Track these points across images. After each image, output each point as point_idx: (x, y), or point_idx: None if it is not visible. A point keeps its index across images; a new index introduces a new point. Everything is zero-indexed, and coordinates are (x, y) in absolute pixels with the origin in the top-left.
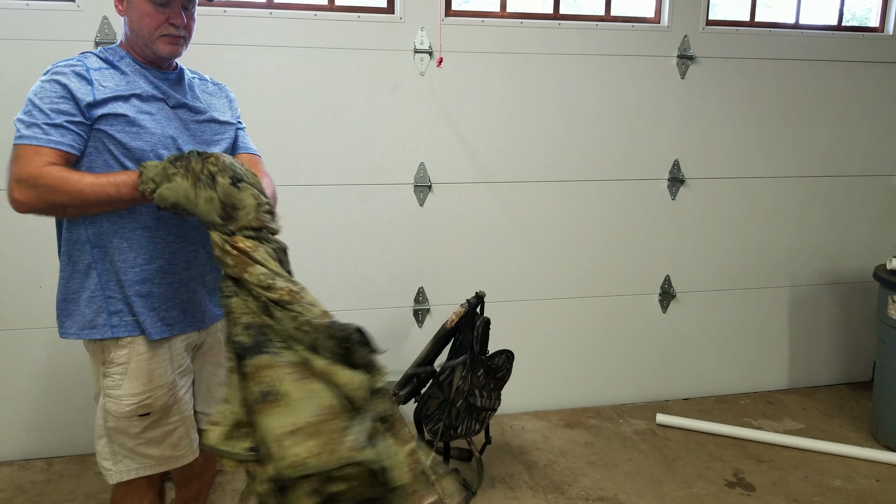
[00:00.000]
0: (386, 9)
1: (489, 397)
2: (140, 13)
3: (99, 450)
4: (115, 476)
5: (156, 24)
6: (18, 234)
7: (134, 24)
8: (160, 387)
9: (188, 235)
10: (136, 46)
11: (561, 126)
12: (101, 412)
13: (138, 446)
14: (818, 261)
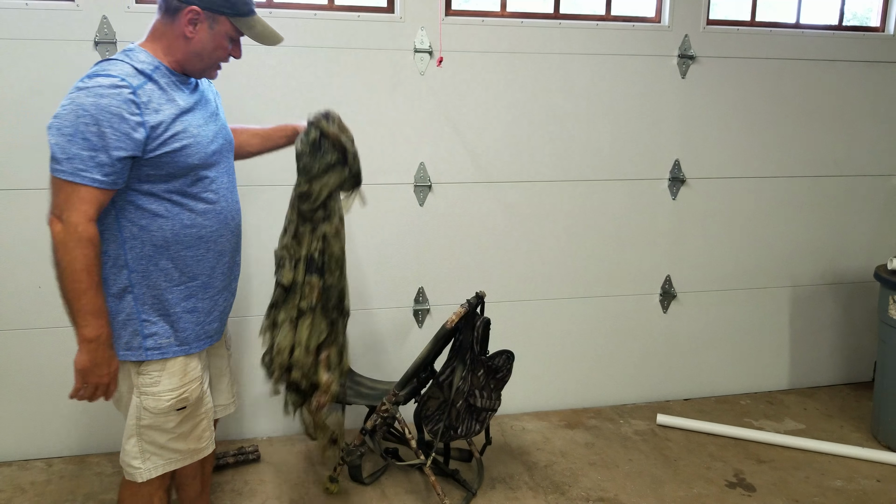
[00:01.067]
0: (386, 8)
1: (489, 398)
2: (215, 45)
3: (128, 449)
4: (144, 474)
5: (224, 55)
6: (18, 234)
7: (201, 50)
8: (194, 380)
9: (223, 249)
10: (187, 63)
11: (561, 126)
12: (135, 411)
13: (169, 441)
14: (819, 261)
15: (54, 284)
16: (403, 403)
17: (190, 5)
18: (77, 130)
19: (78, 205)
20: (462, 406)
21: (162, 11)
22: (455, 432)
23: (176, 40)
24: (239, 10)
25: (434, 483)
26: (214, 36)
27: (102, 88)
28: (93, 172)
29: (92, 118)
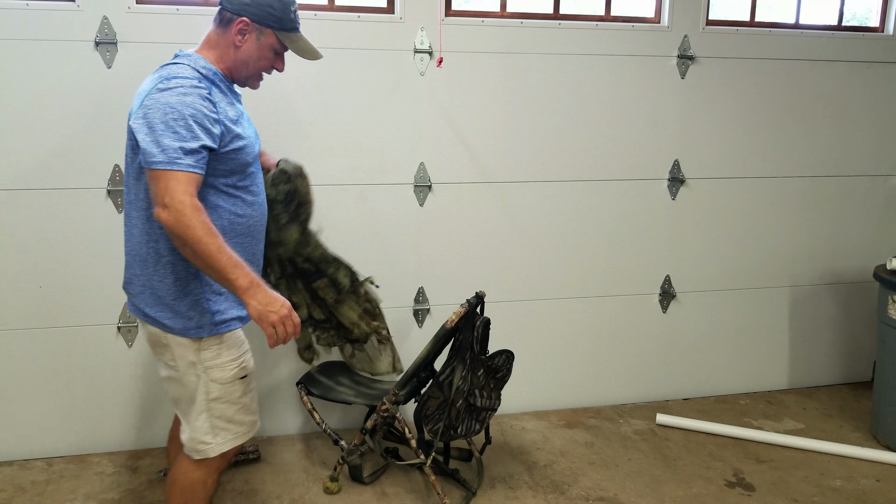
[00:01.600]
0: (386, 9)
1: (489, 397)
2: (260, 55)
3: (198, 426)
4: (216, 449)
5: (269, 65)
6: (18, 234)
7: (248, 58)
8: (247, 350)
9: (260, 237)
10: (235, 71)
11: (561, 126)
12: (203, 386)
13: (236, 413)
14: (818, 261)
15: (54, 284)
16: (403, 403)
17: (241, 17)
18: (167, 125)
19: (177, 186)
20: (462, 406)
21: (216, 22)
22: (455, 432)
23: (227, 49)
24: (284, 26)
25: (434, 482)
26: (260, 47)
27: (184, 88)
28: (185, 159)
29: (179, 113)
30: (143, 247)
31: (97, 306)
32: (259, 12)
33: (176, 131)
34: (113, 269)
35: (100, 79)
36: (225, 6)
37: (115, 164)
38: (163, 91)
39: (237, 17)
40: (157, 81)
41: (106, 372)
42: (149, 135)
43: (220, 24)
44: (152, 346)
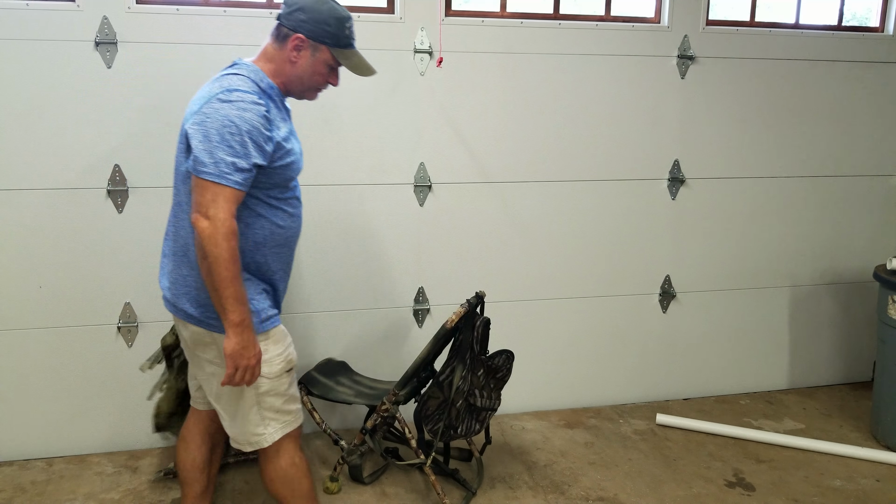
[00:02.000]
0: (386, 9)
1: (489, 397)
2: (314, 70)
3: (250, 419)
4: (269, 438)
5: (324, 81)
6: (18, 234)
7: (303, 74)
8: (290, 343)
9: (294, 245)
10: (290, 86)
11: (561, 126)
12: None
13: (284, 404)
14: (818, 261)
15: (54, 284)
16: (403, 403)
17: (297, 33)
18: (223, 138)
19: (223, 203)
20: (462, 406)
21: (273, 37)
22: (455, 432)
23: (283, 64)
24: (339, 42)
25: (434, 482)
26: (314, 63)
27: (244, 103)
28: (234, 176)
29: (236, 128)
30: (195, 248)
31: (97, 306)
32: (315, 29)
33: (231, 146)
34: (113, 269)
35: (100, 79)
36: (282, 22)
37: (115, 164)
38: (223, 103)
39: (293, 34)
40: (219, 91)
41: (106, 372)
42: (203, 143)
43: (277, 38)
44: (194, 346)
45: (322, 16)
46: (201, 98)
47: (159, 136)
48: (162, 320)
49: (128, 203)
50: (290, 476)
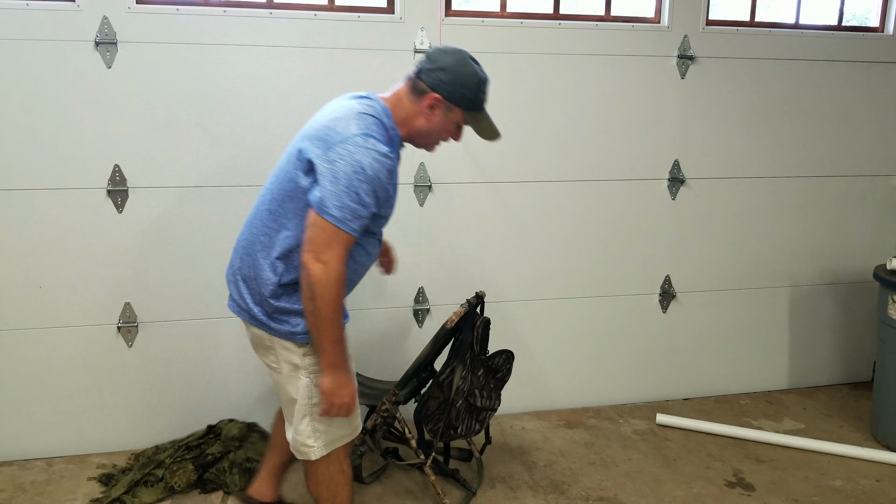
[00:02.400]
0: (386, 9)
1: (489, 397)
2: (443, 128)
3: (302, 429)
4: (318, 451)
5: (446, 137)
6: (18, 234)
7: (432, 130)
8: (351, 355)
9: (362, 276)
10: (416, 137)
11: (561, 126)
12: (306, 391)
13: (335, 419)
14: (818, 261)
15: (54, 284)
16: (403, 403)
17: (435, 92)
18: (351, 185)
19: (339, 249)
20: (462, 406)
21: (409, 87)
22: (455, 432)
23: (414, 117)
24: (473, 106)
25: (434, 482)
26: (446, 121)
27: (378, 154)
28: (354, 223)
29: (367, 179)
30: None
31: (97, 306)
32: (453, 91)
33: (357, 194)
34: (113, 269)
35: (100, 79)
36: (421, 77)
37: (116, 164)
38: (359, 148)
39: (431, 92)
40: (357, 133)
41: (106, 372)
42: (333, 185)
43: (413, 90)
44: (255, 348)
45: (463, 79)
46: (329, 123)
47: (159, 136)
48: (162, 320)
49: (128, 203)
50: (336, 482)
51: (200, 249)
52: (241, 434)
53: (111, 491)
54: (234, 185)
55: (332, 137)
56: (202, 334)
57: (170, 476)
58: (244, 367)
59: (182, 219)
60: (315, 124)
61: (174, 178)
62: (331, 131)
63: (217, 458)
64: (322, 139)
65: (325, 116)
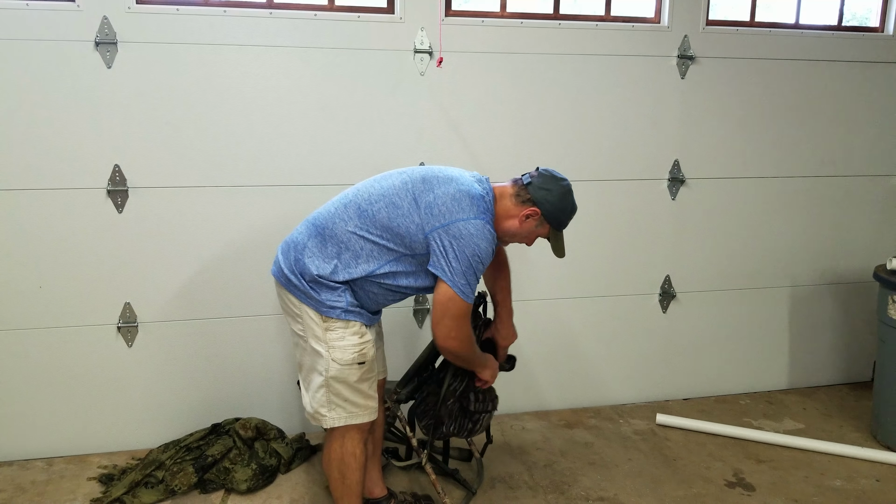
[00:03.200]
0: (386, 9)
1: (482, 401)
2: (528, 235)
3: (318, 397)
4: (329, 422)
5: (522, 241)
6: (18, 234)
7: (520, 234)
8: (369, 341)
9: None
10: (504, 234)
11: (561, 126)
12: (325, 363)
13: (352, 395)
14: (818, 261)
15: (54, 284)
16: (404, 401)
17: (537, 208)
18: (471, 267)
19: (463, 321)
20: (454, 406)
21: (516, 192)
22: (445, 430)
23: (510, 219)
24: (559, 227)
25: (434, 482)
26: (534, 232)
27: (488, 240)
28: (469, 295)
29: (479, 259)
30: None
31: (97, 306)
32: (552, 211)
33: (475, 273)
34: (113, 269)
35: (100, 79)
36: (530, 189)
37: (116, 164)
38: (477, 230)
39: (534, 206)
40: (480, 215)
41: (106, 372)
42: (454, 261)
43: (518, 196)
44: (285, 311)
45: (564, 205)
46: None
47: (159, 136)
48: (162, 320)
49: (128, 203)
50: (347, 464)
51: (200, 249)
52: (260, 428)
53: (111, 491)
54: (234, 185)
55: (441, 198)
56: (202, 334)
57: (170, 478)
58: (244, 367)
59: (182, 219)
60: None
61: (174, 178)
62: (440, 190)
63: (217, 459)
64: (424, 186)
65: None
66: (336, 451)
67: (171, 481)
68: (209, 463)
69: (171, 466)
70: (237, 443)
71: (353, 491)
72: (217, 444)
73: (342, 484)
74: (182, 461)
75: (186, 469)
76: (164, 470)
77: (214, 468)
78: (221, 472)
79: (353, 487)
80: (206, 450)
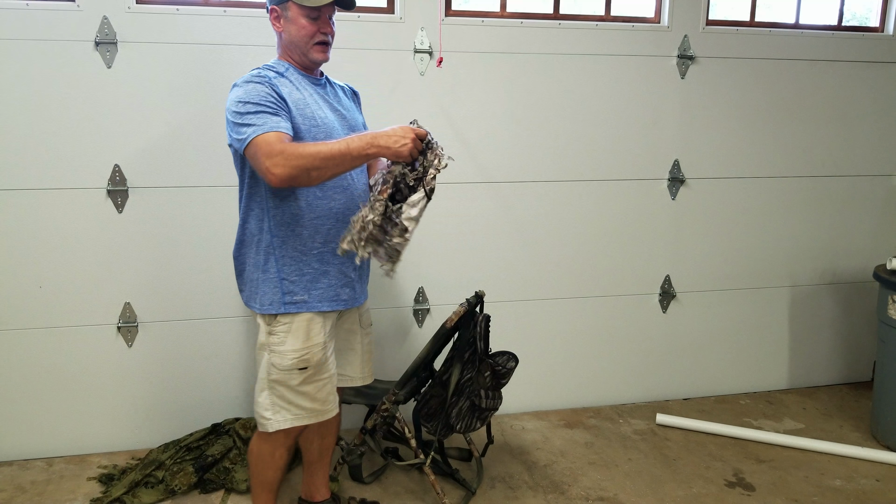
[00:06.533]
0: (386, 9)
1: (493, 398)
2: (298, 27)
3: (260, 401)
4: (273, 425)
5: (310, 33)
6: (18, 234)
7: (292, 37)
8: (316, 345)
9: (347, 219)
10: (295, 56)
11: (561, 126)
12: (266, 366)
13: (295, 398)
14: (818, 261)
15: (54, 284)
16: (403, 402)
17: (269, 8)
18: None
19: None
20: (465, 405)
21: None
22: (454, 430)
23: (280, 42)
24: None
25: (434, 482)
26: (292, 22)
27: (251, 76)
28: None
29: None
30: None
31: (97, 306)
32: None
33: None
34: (113, 269)
35: (100, 79)
36: (266, 7)
37: (115, 164)
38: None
39: (269, 9)
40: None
41: (106, 372)
42: (232, 123)
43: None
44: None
45: None
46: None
47: (159, 136)
48: (162, 320)
49: (128, 203)
50: (264, 461)
51: (200, 249)
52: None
53: (111, 491)
54: (234, 185)
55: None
56: (202, 334)
57: (170, 478)
58: (244, 367)
59: (182, 219)
60: None
61: (174, 178)
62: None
63: (217, 459)
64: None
65: None
66: (255, 445)
67: (171, 481)
68: (209, 463)
69: (171, 466)
70: (237, 443)
71: (265, 488)
72: (217, 444)
73: (256, 479)
74: (182, 461)
75: (186, 469)
76: (164, 470)
77: (214, 468)
78: (221, 471)
79: (266, 485)
80: (206, 450)
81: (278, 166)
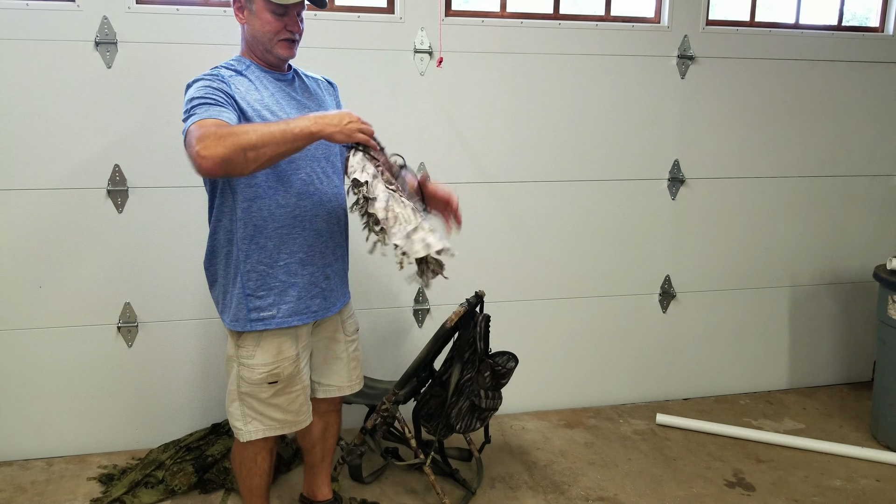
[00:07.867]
0: (386, 9)
1: (493, 398)
2: (262, 21)
3: (231, 412)
4: (245, 435)
5: (275, 30)
6: (18, 233)
7: (256, 32)
8: (287, 358)
9: (320, 229)
10: (258, 51)
11: (561, 126)
12: (235, 378)
13: (266, 409)
14: (818, 261)
15: (54, 284)
16: (403, 402)
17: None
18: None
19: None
20: (465, 405)
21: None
22: (454, 430)
23: (244, 36)
24: None
25: (433, 482)
26: (257, 16)
27: (203, 75)
28: (195, 116)
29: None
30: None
31: (97, 306)
32: None
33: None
34: (113, 269)
35: (100, 79)
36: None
37: (116, 164)
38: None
39: (233, 2)
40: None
41: (106, 372)
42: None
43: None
44: None
45: None
46: None
47: (159, 136)
48: (162, 320)
49: (128, 203)
50: (248, 468)
51: (200, 249)
52: None
53: (111, 491)
54: None
55: None
56: (202, 334)
57: (170, 478)
58: None
59: (182, 219)
60: None
61: (174, 178)
62: None
63: (217, 459)
64: None
65: None
66: (236, 451)
67: (171, 481)
68: (209, 463)
69: (171, 466)
70: None
71: (254, 493)
72: (217, 443)
73: (243, 486)
74: (182, 461)
75: (186, 469)
76: (164, 470)
77: (214, 468)
78: (221, 471)
79: (255, 490)
80: (206, 450)
81: (208, 148)
